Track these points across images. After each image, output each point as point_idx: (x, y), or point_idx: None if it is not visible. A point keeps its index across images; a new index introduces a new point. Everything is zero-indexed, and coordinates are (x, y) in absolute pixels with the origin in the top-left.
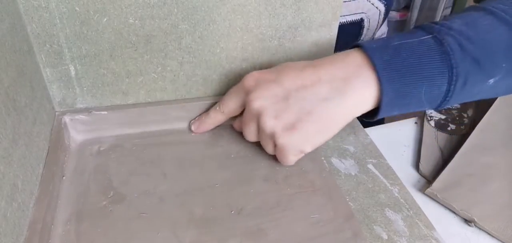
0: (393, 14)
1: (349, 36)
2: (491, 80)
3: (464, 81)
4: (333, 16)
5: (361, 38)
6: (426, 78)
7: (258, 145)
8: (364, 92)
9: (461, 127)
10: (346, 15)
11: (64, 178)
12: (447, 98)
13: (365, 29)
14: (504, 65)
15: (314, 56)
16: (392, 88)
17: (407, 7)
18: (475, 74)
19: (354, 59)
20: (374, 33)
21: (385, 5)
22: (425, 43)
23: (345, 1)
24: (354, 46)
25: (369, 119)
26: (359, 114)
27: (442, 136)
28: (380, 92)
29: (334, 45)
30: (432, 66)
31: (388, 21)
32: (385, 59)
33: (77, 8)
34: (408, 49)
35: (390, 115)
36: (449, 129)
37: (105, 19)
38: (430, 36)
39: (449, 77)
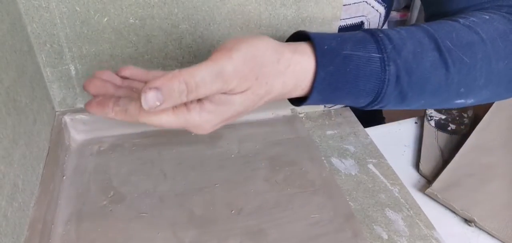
0: (393, 14)
1: None
2: (405, 107)
3: (383, 105)
4: (333, 15)
5: None
6: (354, 97)
7: (258, 144)
8: (294, 93)
9: (461, 127)
10: (346, 19)
11: (64, 177)
12: (361, 108)
13: None
14: (423, 101)
15: None
16: (318, 98)
17: (407, 7)
18: (396, 102)
19: (301, 60)
20: None
21: (385, 8)
22: (371, 64)
23: (345, 4)
24: (304, 35)
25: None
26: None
27: (442, 136)
28: (308, 96)
29: None
30: (365, 89)
31: (389, 21)
32: (329, 70)
33: (78, 8)
34: (354, 64)
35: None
36: (449, 128)
37: (106, 19)
38: (379, 56)
39: (372, 101)
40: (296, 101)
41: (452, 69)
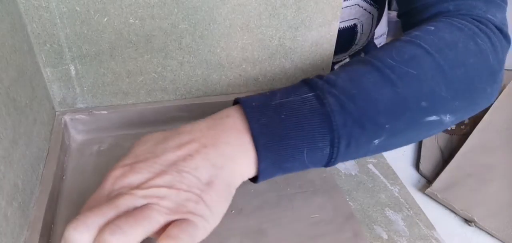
0: (393, 14)
1: (343, 41)
2: (376, 141)
3: (347, 144)
4: (333, 16)
5: (356, 42)
6: (307, 142)
7: None
8: (246, 161)
9: (461, 127)
10: (339, 22)
11: (64, 177)
12: (332, 160)
13: (359, 34)
14: (387, 126)
15: (314, 55)
16: (270, 155)
17: None
18: (359, 136)
19: (234, 123)
20: (368, 37)
21: (378, 10)
22: (307, 103)
23: None
24: (235, 102)
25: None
26: (244, 180)
27: (442, 136)
28: (258, 159)
29: (334, 45)
30: (313, 129)
31: (389, 22)
32: (263, 122)
33: (78, 8)
34: (288, 109)
35: (273, 177)
36: (449, 128)
37: (106, 19)
38: (312, 94)
39: (331, 140)
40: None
41: (399, 84)
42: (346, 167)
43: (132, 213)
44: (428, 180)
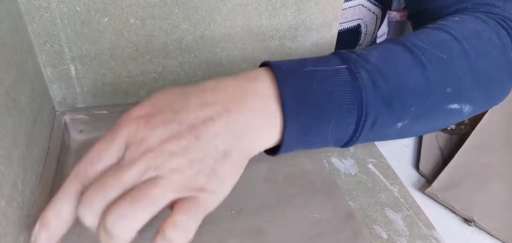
0: (394, 14)
1: (347, 42)
2: (399, 124)
3: (373, 122)
4: (333, 16)
5: (360, 43)
6: (334, 114)
7: None
8: (270, 131)
9: (461, 127)
10: (343, 23)
11: (64, 177)
12: (354, 138)
13: (362, 35)
14: (412, 109)
15: (314, 55)
16: (297, 122)
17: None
18: (384, 115)
19: (262, 87)
20: (372, 37)
21: (382, 9)
22: (340, 75)
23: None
24: (263, 64)
25: (269, 154)
26: (261, 150)
27: (442, 136)
28: (284, 126)
29: (334, 45)
30: (342, 101)
31: (389, 22)
32: (293, 88)
33: (78, 8)
34: (320, 78)
35: (292, 151)
36: (449, 128)
37: (106, 19)
38: (345, 66)
39: (358, 115)
40: (271, 150)
41: (429, 67)
42: (346, 167)
43: (137, 195)
44: (428, 180)
